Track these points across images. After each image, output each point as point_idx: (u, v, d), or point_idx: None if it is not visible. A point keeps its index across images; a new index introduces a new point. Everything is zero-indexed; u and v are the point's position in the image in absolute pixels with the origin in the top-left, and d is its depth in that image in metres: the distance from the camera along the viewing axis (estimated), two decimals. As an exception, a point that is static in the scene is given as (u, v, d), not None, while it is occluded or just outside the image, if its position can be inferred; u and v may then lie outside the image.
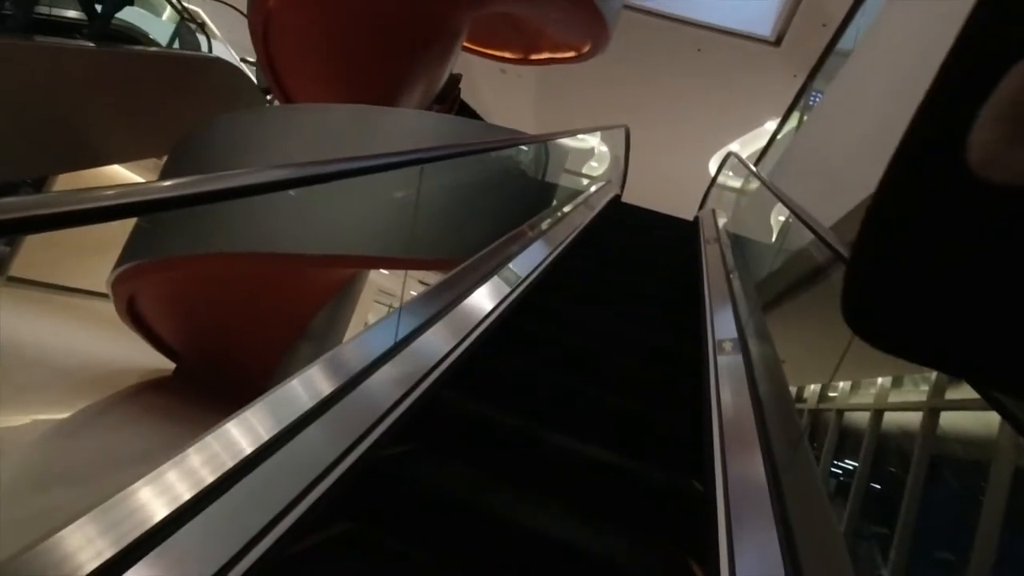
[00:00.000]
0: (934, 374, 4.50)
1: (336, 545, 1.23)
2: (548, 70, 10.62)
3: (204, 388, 5.16)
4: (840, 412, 6.46)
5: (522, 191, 4.80)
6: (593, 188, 4.96)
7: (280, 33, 5.60)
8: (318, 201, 3.94)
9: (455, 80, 6.08)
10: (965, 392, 3.81)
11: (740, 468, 1.45)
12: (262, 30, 5.50)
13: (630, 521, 1.48)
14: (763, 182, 3.04)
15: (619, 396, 1.96)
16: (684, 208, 11.95)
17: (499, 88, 11.86)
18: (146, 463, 1.00)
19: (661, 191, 12.68)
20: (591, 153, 13.20)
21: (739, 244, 4.25)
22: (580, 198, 4.59)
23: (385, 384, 1.57)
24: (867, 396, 5.80)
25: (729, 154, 5.89)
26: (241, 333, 5.15)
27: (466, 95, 12.30)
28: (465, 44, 8.00)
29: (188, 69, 5.96)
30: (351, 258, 4.06)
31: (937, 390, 4.21)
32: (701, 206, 6.45)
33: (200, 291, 4.83)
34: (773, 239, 4.03)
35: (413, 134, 4.45)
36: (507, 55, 7.84)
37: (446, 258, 4.46)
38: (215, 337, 5.30)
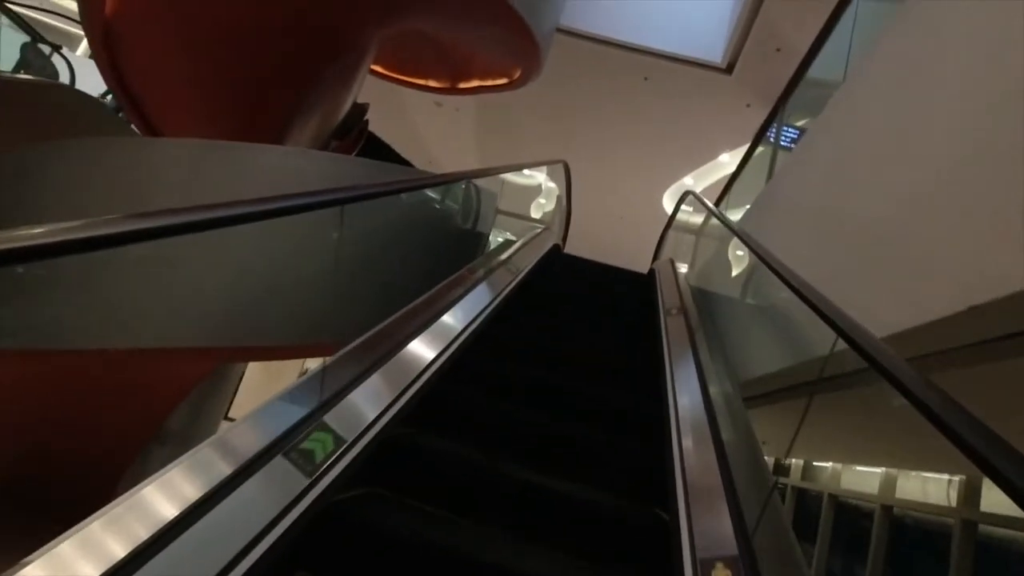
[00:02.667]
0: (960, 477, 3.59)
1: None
2: (488, 102, 9.78)
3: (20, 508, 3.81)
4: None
5: (430, 250, 3.73)
6: (519, 244, 3.93)
7: (128, 50, 4.45)
8: (124, 276, 2.76)
9: (360, 110, 5.04)
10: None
11: None
12: (103, 46, 4.34)
13: None
14: (749, 245, 2.07)
15: None
16: (637, 252, 11.19)
17: (437, 123, 10.96)
18: None
19: (611, 231, 11.89)
20: (538, 190, 12.33)
21: (708, 302, 3.27)
22: (504, 255, 3.55)
23: None
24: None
25: (686, 193, 5.04)
26: (63, 445, 3.83)
27: (401, 132, 11.32)
28: (387, 73, 7.04)
29: (14, 95, 4.72)
30: (169, 351, 2.86)
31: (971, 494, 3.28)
32: (656, 254, 5.51)
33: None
34: (746, 294, 3.07)
35: (283, 179, 3.34)
36: (432, 83, 6.89)
37: (326, 342, 3.34)
38: (29, 450, 3.95)
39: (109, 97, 5.81)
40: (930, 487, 4.14)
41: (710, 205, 3.66)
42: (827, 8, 5.30)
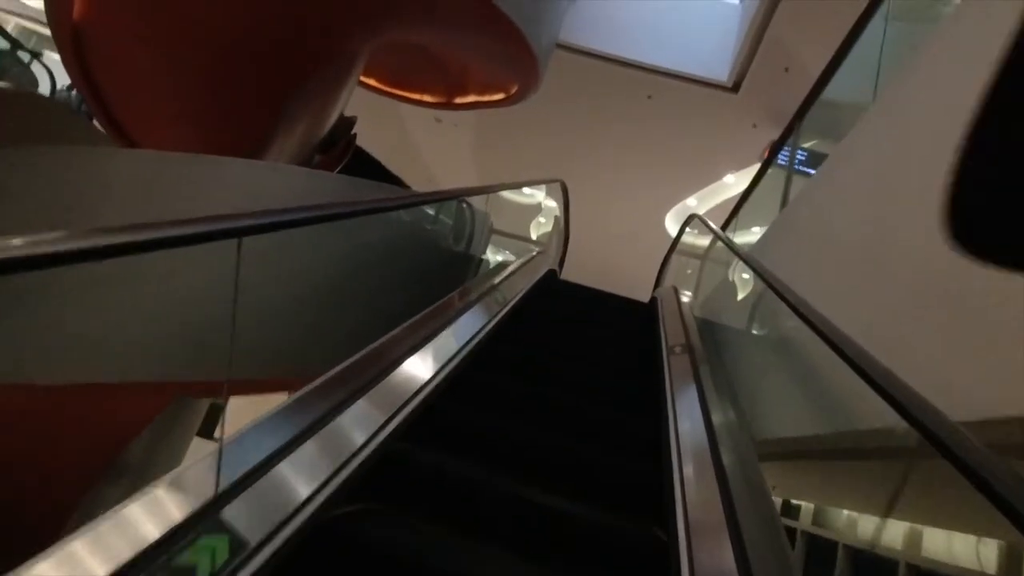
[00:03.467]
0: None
1: None
2: (488, 118, 9.56)
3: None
4: None
5: (416, 275, 3.42)
6: (509, 270, 3.61)
7: (100, 56, 4.20)
8: (55, 303, 2.44)
9: (347, 123, 4.77)
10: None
11: None
12: (72, 51, 4.09)
13: None
14: (778, 292, 1.73)
15: None
16: (639, 275, 10.87)
17: (436, 139, 10.74)
18: None
19: (611, 253, 11.59)
20: (537, 209, 12.05)
21: (715, 338, 2.94)
22: (493, 282, 3.23)
23: None
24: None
25: (691, 216, 4.74)
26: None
27: (399, 148, 11.09)
28: (382, 87, 6.82)
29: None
30: (106, 387, 2.54)
31: None
32: (659, 281, 5.19)
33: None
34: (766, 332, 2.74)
35: (248, 195, 3.04)
36: (428, 98, 6.65)
37: (293, 376, 3.02)
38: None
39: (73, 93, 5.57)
40: (956, 544, 3.76)
41: (720, 232, 3.34)
42: (836, 25, 5.03)
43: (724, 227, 4.51)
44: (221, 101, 4.32)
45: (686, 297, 4.38)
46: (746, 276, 3.93)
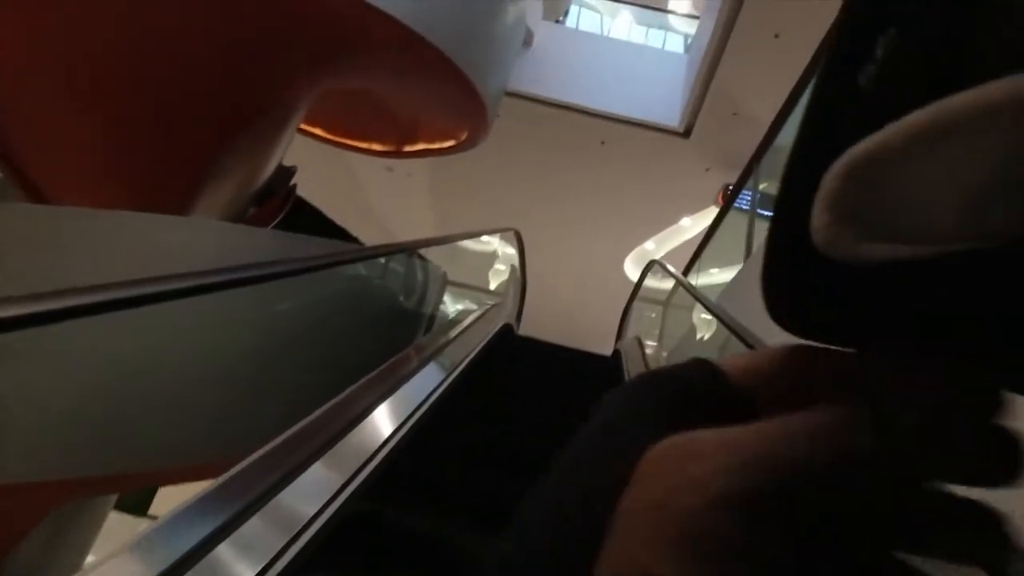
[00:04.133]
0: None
1: None
2: (443, 166, 9.42)
3: None
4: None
5: (357, 338, 3.08)
6: (463, 326, 3.30)
7: (8, 112, 3.82)
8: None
9: (287, 174, 4.47)
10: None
11: None
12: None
13: None
14: (737, 334, 1.50)
15: None
16: (600, 321, 10.69)
17: (389, 189, 10.51)
18: None
19: (571, 299, 11.43)
20: (494, 256, 11.87)
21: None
22: (444, 339, 2.91)
23: None
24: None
25: (652, 263, 4.57)
26: None
27: (349, 200, 10.81)
28: (329, 136, 6.57)
29: None
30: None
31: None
32: (620, 331, 4.96)
33: None
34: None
35: (160, 255, 2.67)
36: (377, 147, 6.43)
37: (206, 463, 2.61)
38: None
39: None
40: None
41: (683, 279, 3.14)
42: (780, 70, 5.09)
43: (686, 272, 4.35)
44: (143, 153, 3.97)
45: (650, 348, 4.15)
46: (707, 317, 3.73)
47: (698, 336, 3.66)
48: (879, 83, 0.15)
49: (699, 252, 3.89)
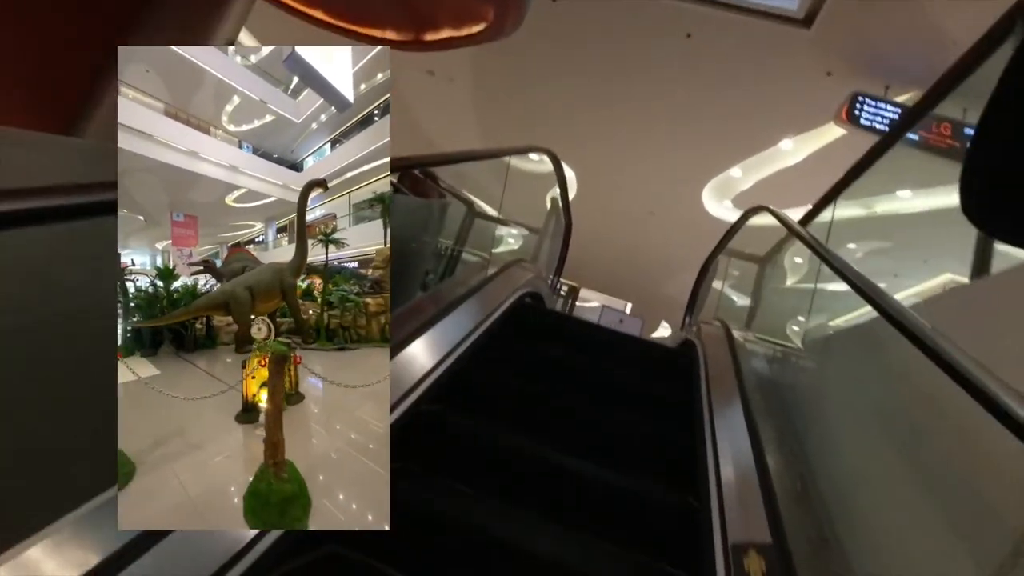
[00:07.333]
0: None
1: None
2: (485, 70, 7.91)
3: None
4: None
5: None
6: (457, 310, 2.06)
7: None
8: None
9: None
10: None
11: None
12: None
13: None
14: None
15: None
16: (667, 264, 9.06)
17: (430, 95, 9.14)
18: None
19: (634, 234, 9.85)
20: (551, 179, 10.37)
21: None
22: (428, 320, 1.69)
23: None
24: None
25: (757, 208, 3.09)
26: None
27: (394, 109, 9.46)
28: (331, 20, 5.23)
29: None
30: None
31: None
32: (693, 298, 3.52)
33: None
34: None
35: None
36: (391, 35, 5.03)
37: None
38: None
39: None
40: None
41: (816, 243, 1.72)
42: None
43: (805, 222, 2.85)
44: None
45: (739, 333, 2.75)
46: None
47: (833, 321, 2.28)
48: None
49: (840, 189, 2.39)
